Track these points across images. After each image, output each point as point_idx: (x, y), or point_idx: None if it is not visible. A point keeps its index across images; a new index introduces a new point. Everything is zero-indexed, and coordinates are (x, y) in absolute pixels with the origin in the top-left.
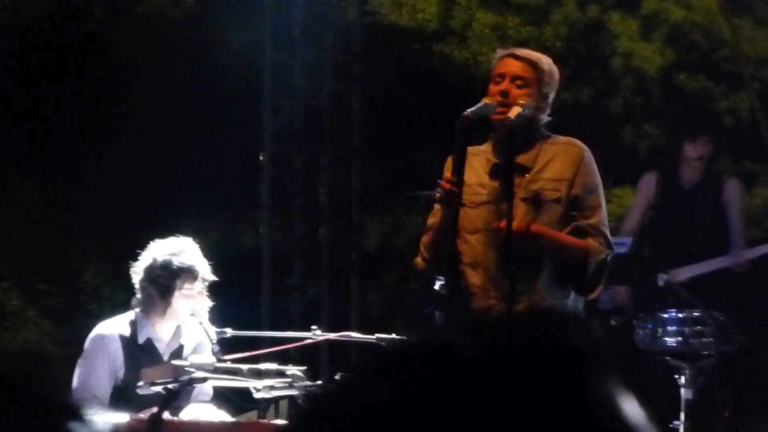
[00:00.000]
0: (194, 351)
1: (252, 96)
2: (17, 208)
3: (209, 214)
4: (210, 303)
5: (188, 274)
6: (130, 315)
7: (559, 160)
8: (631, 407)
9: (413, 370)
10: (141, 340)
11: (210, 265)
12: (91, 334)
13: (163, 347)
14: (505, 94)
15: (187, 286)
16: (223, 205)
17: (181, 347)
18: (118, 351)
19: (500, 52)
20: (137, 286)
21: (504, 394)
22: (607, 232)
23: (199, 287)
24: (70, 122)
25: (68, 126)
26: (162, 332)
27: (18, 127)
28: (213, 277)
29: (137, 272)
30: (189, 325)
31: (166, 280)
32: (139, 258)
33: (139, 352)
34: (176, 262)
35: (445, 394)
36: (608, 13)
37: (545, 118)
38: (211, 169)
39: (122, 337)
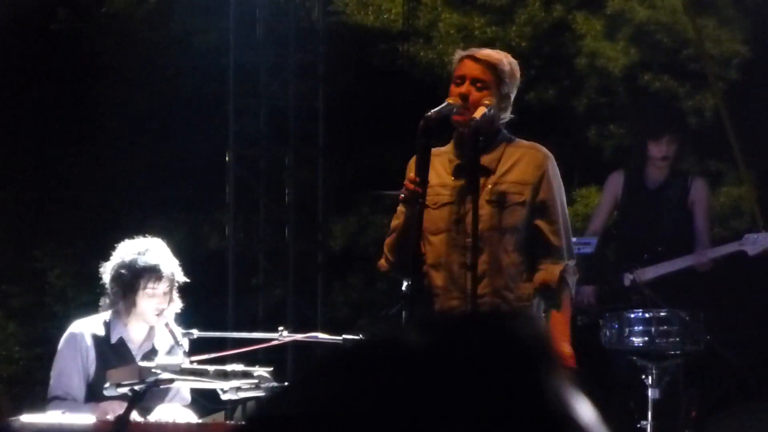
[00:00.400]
0: (168, 353)
1: (216, 96)
2: None
3: (174, 214)
4: (179, 304)
5: (151, 273)
6: (105, 315)
7: (522, 164)
8: (582, 408)
9: (365, 369)
10: (113, 339)
11: (179, 266)
12: (65, 333)
13: (135, 348)
14: (465, 97)
15: (150, 285)
16: (188, 205)
17: (153, 349)
18: (90, 349)
19: (459, 53)
20: (106, 285)
21: (455, 393)
22: (569, 244)
23: (164, 287)
24: (34, 122)
25: (31, 126)
26: (134, 333)
27: None
28: (183, 278)
29: (105, 272)
30: (160, 326)
31: (129, 279)
32: (106, 261)
33: (111, 352)
34: (140, 261)
35: (396, 393)
36: (573, 13)
37: (507, 117)
38: (176, 170)
39: (95, 336)
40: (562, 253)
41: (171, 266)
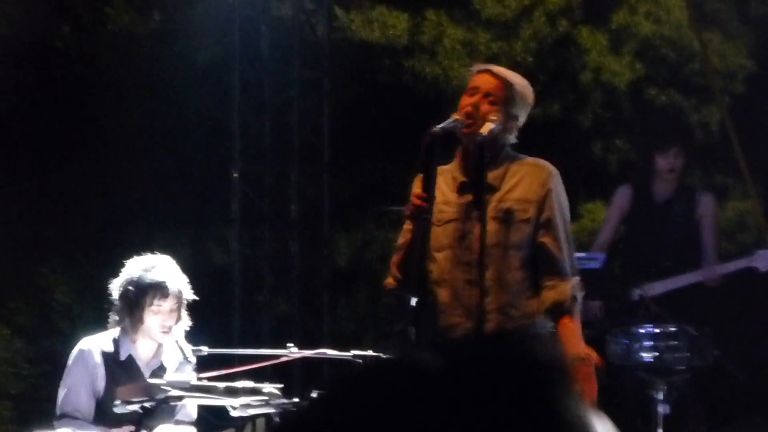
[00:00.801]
0: (177, 370)
1: (221, 112)
2: None
3: (180, 230)
4: (188, 322)
5: (157, 290)
6: (114, 332)
7: (527, 181)
8: (601, 426)
9: (383, 388)
10: (122, 356)
11: (187, 283)
12: (74, 350)
13: (144, 365)
14: (476, 106)
15: (156, 302)
16: (194, 221)
17: (161, 366)
18: (98, 366)
19: (478, 66)
20: (114, 302)
21: (471, 412)
22: (573, 261)
23: (170, 305)
24: (38, 139)
25: (36, 143)
26: (142, 350)
27: None
28: (191, 296)
29: (114, 288)
30: (169, 343)
31: (134, 296)
32: (111, 279)
33: (120, 369)
34: (147, 278)
35: (414, 413)
36: (578, 28)
37: (511, 139)
38: (181, 186)
39: (104, 353)
40: (567, 270)
41: (178, 283)
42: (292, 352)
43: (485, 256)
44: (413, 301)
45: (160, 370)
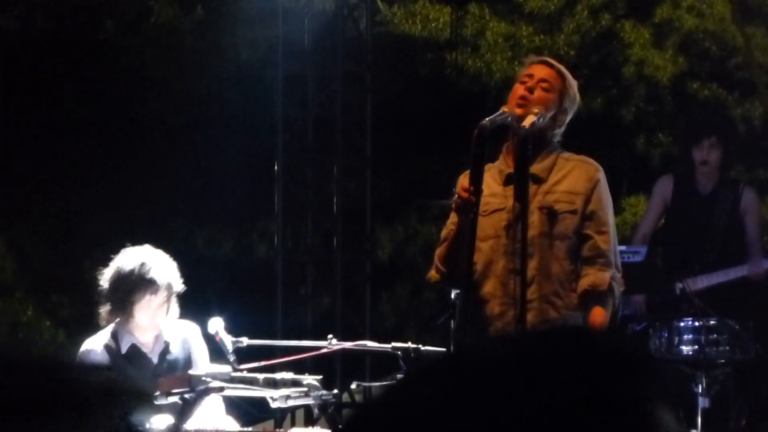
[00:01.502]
0: (183, 345)
1: (264, 107)
2: (29, 220)
3: (223, 225)
4: (176, 312)
5: (148, 286)
6: (110, 327)
7: (574, 175)
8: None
9: (460, 379)
10: (124, 349)
11: (224, 274)
12: (79, 352)
13: (149, 350)
14: (531, 89)
15: (147, 298)
16: (237, 216)
17: (167, 345)
18: (104, 363)
19: (532, 57)
20: (102, 295)
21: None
22: (617, 257)
23: (160, 299)
24: (82, 133)
25: (80, 137)
26: (143, 336)
27: (29, 139)
28: (181, 287)
29: (102, 281)
30: (165, 324)
31: (124, 293)
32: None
33: (125, 361)
34: (136, 274)
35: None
36: (621, 22)
37: (559, 134)
38: (225, 180)
39: (108, 348)
40: (610, 261)
41: (167, 277)
42: (333, 344)
43: (528, 245)
44: (453, 294)
45: (166, 351)
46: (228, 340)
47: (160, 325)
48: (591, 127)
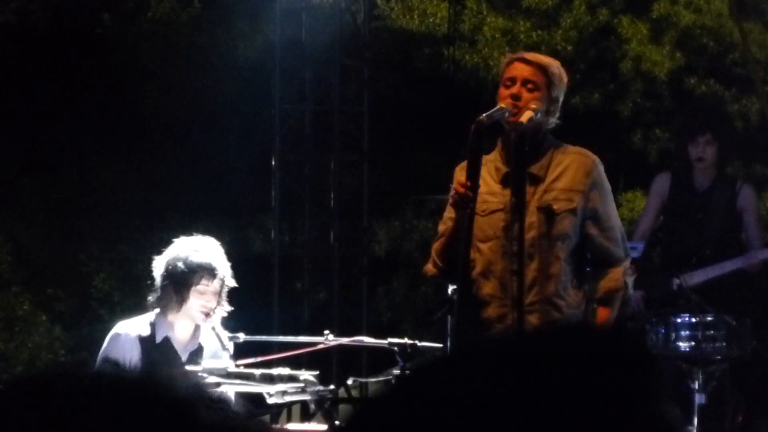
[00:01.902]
0: (214, 353)
1: (261, 101)
2: (24, 213)
3: (219, 218)
4: (227, 308)
5: (206, 270)
6: (150, 316)
7: (572, 171)
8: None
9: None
10: (158, 339)
11: (230, 269)
12: (110, 333)
13: (181, 347)
14: (516, 97)
15: (204, 282)
16: (233, 209)
17: (200, 347)
18: (134, 350)
19: (509, 56)
20: (156, 280)
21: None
22: (624, 244)
23: (215, 287)
24: (78, 127)
25: (76, 130)
26: (179, 332)
27: (26, 132)
28: (233, 282)
29: (158, 266)
30: (206, 327)
31: (182, 274)
32: (150, 264)
33: (156, 352)
34: (196, 258)
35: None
36: (618, 17)
37: (554, 122)
38: (221, 174)
39: (140, 337)
40: (620, 257)
41: (224, 268)
42: (329, 339)
43: (529, 247)
44: (450, 290)
45: (197, 353)
46: (224, 336)
47: (206, 320)
48: (588, 123)
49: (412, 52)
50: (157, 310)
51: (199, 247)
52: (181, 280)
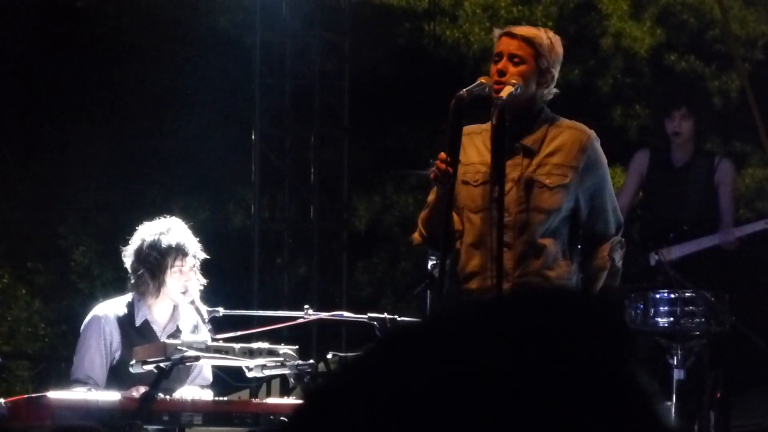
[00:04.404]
0: (193, 327)
1: (241, 75)
2: (4, 187)
3: (199, 192)
4: (203, 281)
5: (178, 251)
6: (127, 297)
7: (567, 146)
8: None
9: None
10: (138, 322)
11: (199, 243)
12: (88, 316)
13: (160, 329)
14: (501, 72)
15: (177, 263)
16: (213, 183)
17: (177, 329)
18: (114, 332)
19: (498, 31)
20: (129, 270)
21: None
22: (617, 217)
23: (190, 264)
24: (57, 100)
25: (55, 103)
26: (158, 314)
27: (6, 105)
28: (204, 255)
29: (128, 256)
30: (185, 306)
31: (155, 260)
32: (129, 240)
33: (135, 334)
34: (165, 241)
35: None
36: None
37: (551, 92)
38: (201, 148)
39: (118, 319)
40: (609, 233)
41: (193, 243)
42: (309, 314)
43: (518, 220)
44: (430, 265)
45: (176, 334)
46: (204, 310)
47: (184, 298)
48: (568, 99)
49: (393, 27)
50: (135, 292)
51: (165, 229)
52: (156, 266)
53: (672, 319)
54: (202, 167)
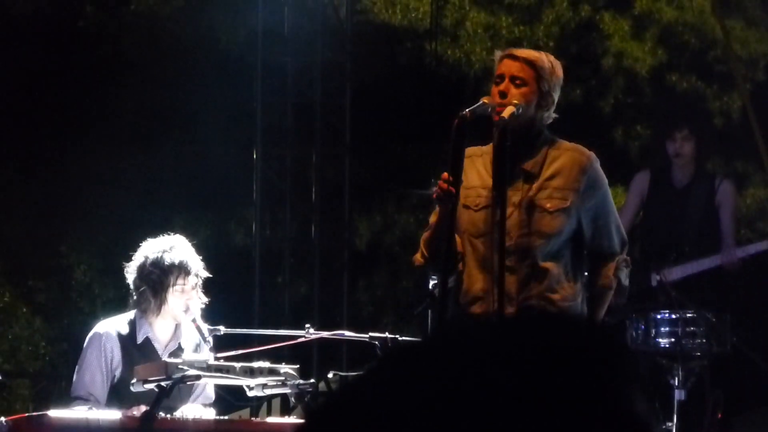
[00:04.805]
0: (194, 346)
1: (243, 94)
2: (5, 204)
3: (200, 211)
4: (204, 299)
5: (180, 270)
6: (129, 315)
7: (567, 169)
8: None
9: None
10: (139, 339)
11: (201, 261)
12: (90, 333)
13: (161, 347)
14: (503, 94)
15: (180, 281)
16: (214, 202)
17: (179, 347)
18: (115, 350)
19: (499, 53)
20: (131, 286)
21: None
22: (621, 236)
23: (192, 282)
24: (60, 118)
25: (58, 122)
26: (160, 332)
27: (7, 123)
28: (206, 274)
29: (130, 272)
30: (187, 324)
31: (158, 278)
32: (131, 258)
33: (137, 352)
34: (167, 258)
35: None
36: (600, 13)
37: (550, 116)
38: (203, 167)
39: (120, 336)
40: (614, 251)
41: (196, 262)
42: (310, 333)
43: (521, 244)
44: (431, 285)
45: (177, 352)
46: (205, 328)
47: (186, 316)
48: (569, 119)
49: (394, 47)
50: (137, 309)
51: (168, 247)
52: (158, 284)
53: (673, 339)
54: (204, 186)
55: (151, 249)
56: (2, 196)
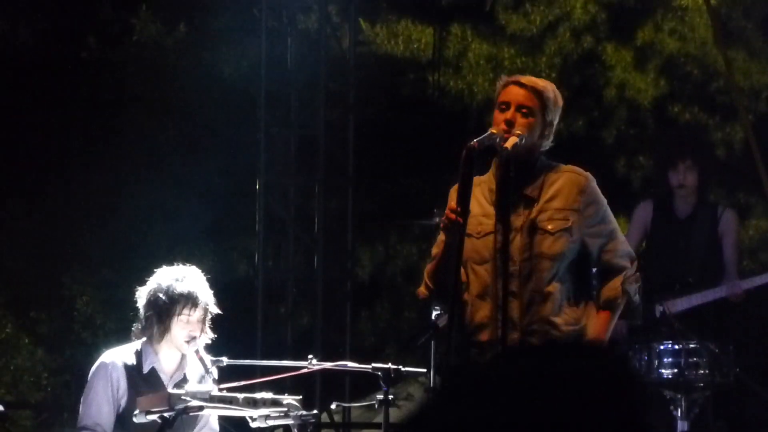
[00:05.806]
0: (198, 378)
1: (247, 125)
2: (7, 235)
3: (203, 241)
4: (211, 335)
5: (188, 300)
6: (136, 345)
7: (565, 190)
8: None
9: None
10: (145, 369)
11: (213, 296)
12: (96, 363)
13: (167, 377)
14: (510, 123)
15: (186, 312)
16: (217, 233)
17: (184, 378)
18: (120, 380)
19: (504, 79)
20: (140, 311)
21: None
22: (627, 250)
23: (198, 315)
24: (62, 149)
25: (60, 153)
26: (166, 362)
27: (10, 154)
28: (216, 310)
29: (141, 296)
30: (191, 356)
31: (164, 305)
32: (134, 289)
33: (143, 382)
34: (178, 288)
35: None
36: (602, 44)
37: (548, 144)
38: (206, 198)
39: (126, 366)
40: (621, 266)
41: (207, 296)
42: (313, 363)
43: (524, 268)
44: (434, 315)
45: (182, 383)
46: (207, 359)
47: (189, 347)
48: (572, 149)
49: (397, 78)
50: (143, 340)
51: (180, 277)
52: (164, 310)
53: (676, 370)
54: (207, 217)
55: (164, 276)
56: (5, 227)
